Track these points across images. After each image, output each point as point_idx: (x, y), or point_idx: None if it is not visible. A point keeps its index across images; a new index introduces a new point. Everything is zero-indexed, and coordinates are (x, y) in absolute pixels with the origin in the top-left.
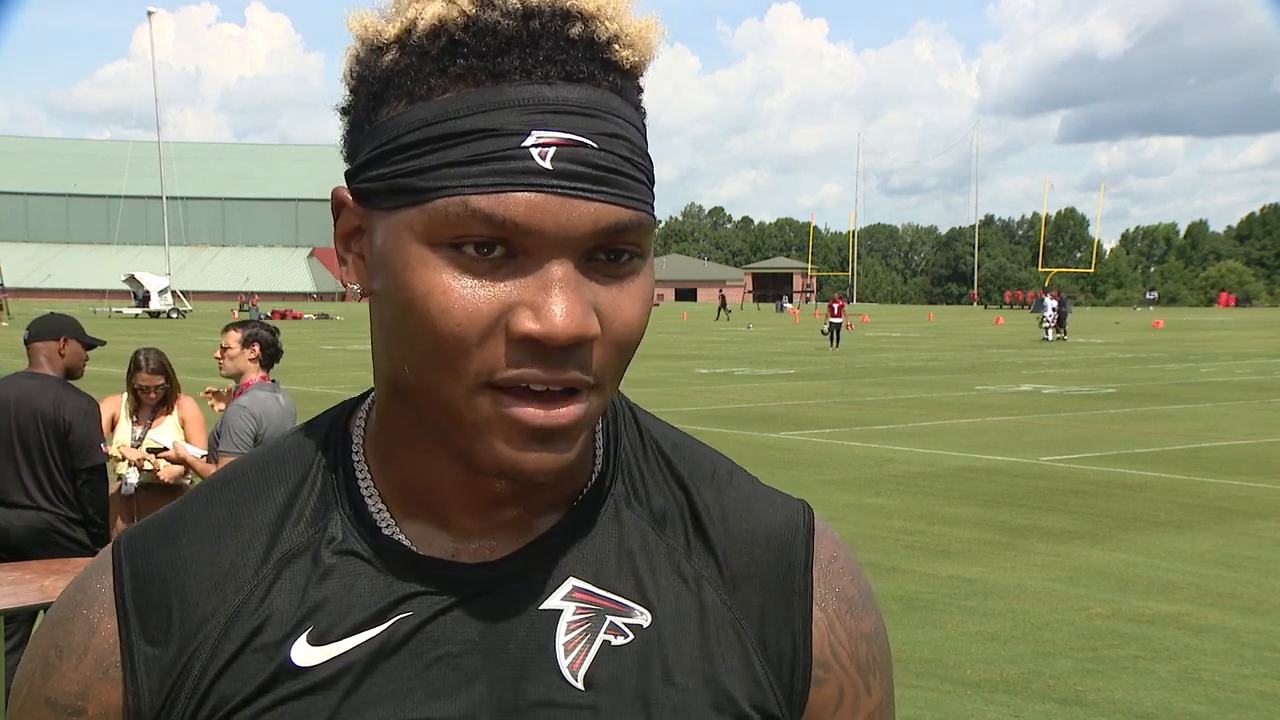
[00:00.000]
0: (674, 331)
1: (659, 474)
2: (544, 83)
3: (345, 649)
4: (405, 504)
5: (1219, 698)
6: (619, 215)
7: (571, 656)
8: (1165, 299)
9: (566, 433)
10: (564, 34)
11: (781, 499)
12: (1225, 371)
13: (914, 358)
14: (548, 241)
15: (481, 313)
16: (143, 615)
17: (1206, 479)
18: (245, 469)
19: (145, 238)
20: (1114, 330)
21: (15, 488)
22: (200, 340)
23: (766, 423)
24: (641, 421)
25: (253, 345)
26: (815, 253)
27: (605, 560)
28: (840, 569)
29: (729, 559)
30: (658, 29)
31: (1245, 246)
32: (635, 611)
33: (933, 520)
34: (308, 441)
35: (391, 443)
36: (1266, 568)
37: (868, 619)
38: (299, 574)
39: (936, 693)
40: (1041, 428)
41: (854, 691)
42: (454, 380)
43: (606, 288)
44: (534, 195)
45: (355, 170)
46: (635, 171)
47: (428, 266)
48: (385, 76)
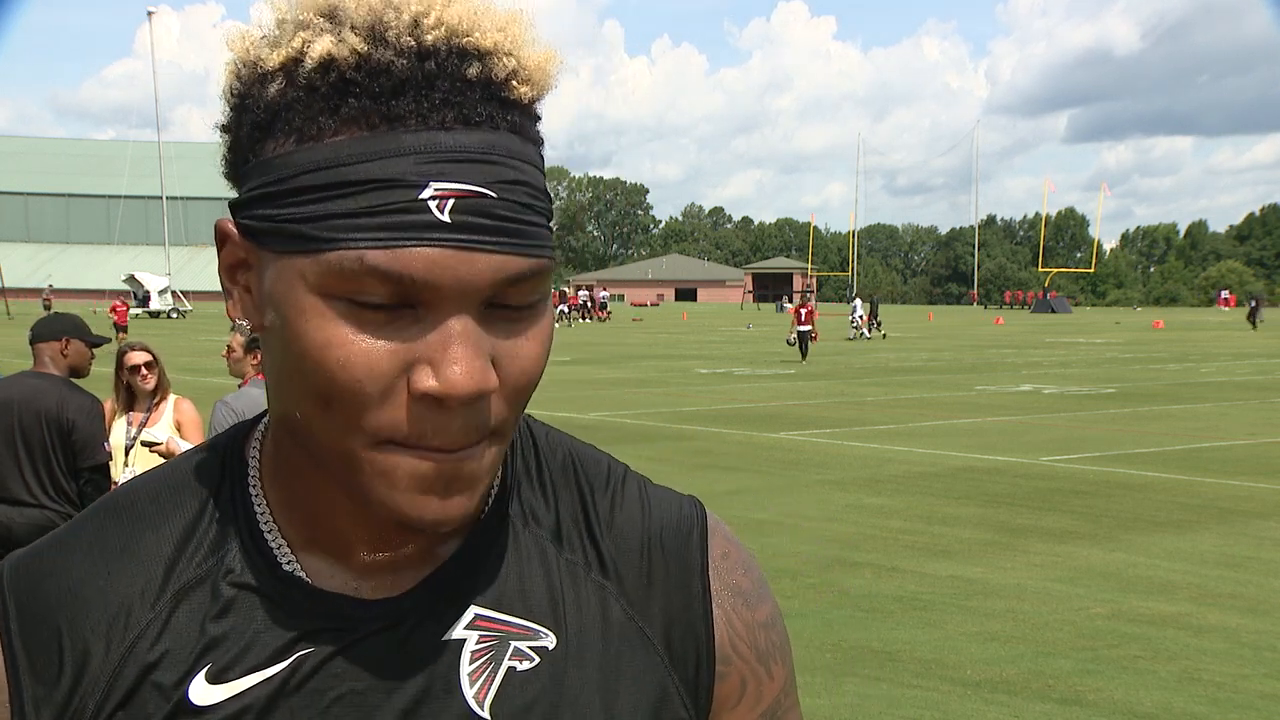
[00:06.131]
0: (674, 331)
1: (555, 489)
2: (440, 128)
3: (245, 687)
4: (303, 536)
5: (1219, 698)
6: (519, 265)
7: (477, 686)
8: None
9: (467, 483)
10: (461, 74)
11: (674, 499)
12: (1225, 371)
13: (914, 358)
14: (445, 295)
15: (382, 369)
16: (31, 653)
17: (1206, 479)
18: (139, 495)
19: (145, 238)
20: (1114, 330)
21: (18, 485)
22: (200, 340)
23: (766, 423)
24: (537, 437)
25: (255, 352)
26: (815, 253)
27: (506, 584)
28: (733, 563)
29: (629, 568)
30: (556, 60)
31: (1245, 246)
32: (539, 634)
33: (933, 520)
34: (205, 467)
35: (287, 474)
36: (1266, 568)
37: (763, 608)
38: (196, 608)
39: (936, 693)
40: (1041, 428)
41: (756, 680)
42: (350, 434)
43: (506, 337)
44: (432, 250)
45: (241, 203)
46: (534, 216)
47: (323, 317)
48: (271, 108)
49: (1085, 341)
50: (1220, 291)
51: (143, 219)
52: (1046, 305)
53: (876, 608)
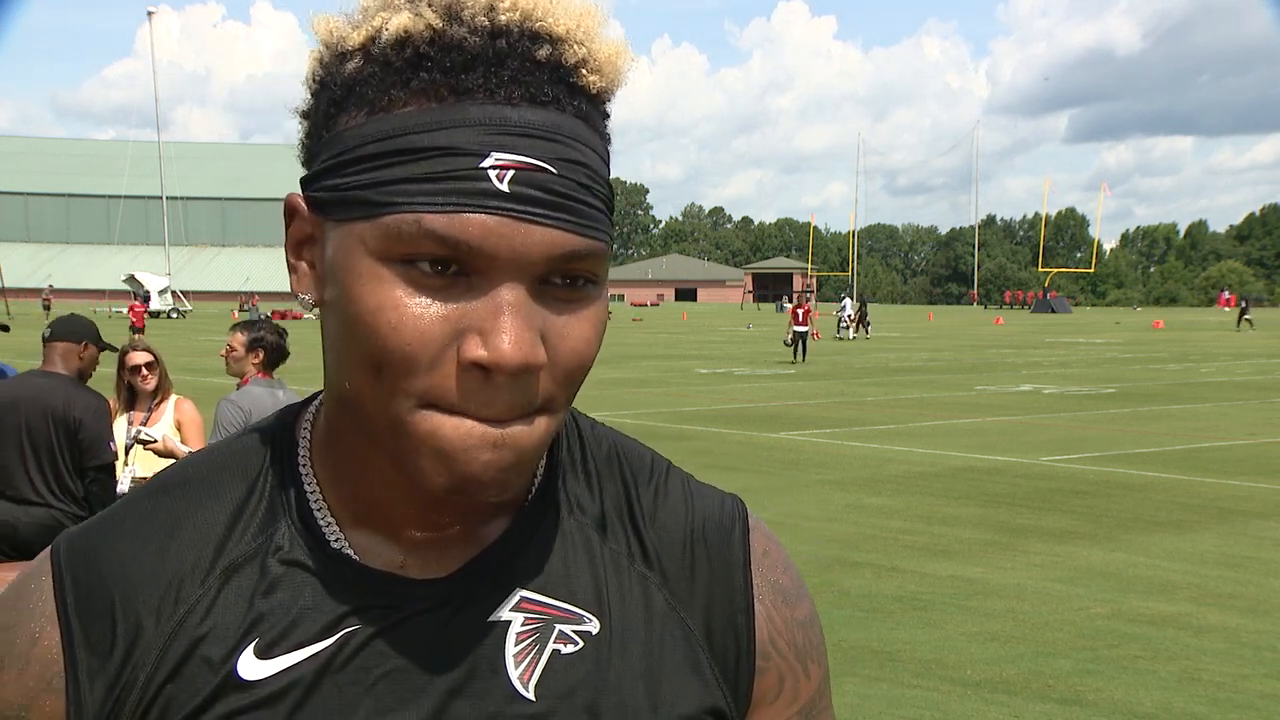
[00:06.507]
0: (674, 331)
1: (600, 479)
2: (507, 103)
3: (292, 663)
4: (352, 514)
5: (1219, 698)
6: (574, 242)
7: (522, 667)
8: (1165, 299)
9: (514, 451)
10: (531, 55)
11: (716, 495)
12: (1225, 371)
13: (914, 358)
14: (500, 265)
15: (433, 334)
16: (86, 625)
17: (1206, 479)
18: (191, 474)
19: (145, 238)
20: (1114, 330)
21: (24, 484)
22: (200, 340)
23: (766, 423)
24: (583, 428)
25: (256, 351)
26: (815, 253)
27: (552, 569)
28: (774, 561)
29: (672, 559)
30: (627, 55)
31: (1245, 246)
32: (584, 619)
33: (933, 520)
34: (256, 447)
35: (337, 452)
36: (1266, 568)
37: (802, 606)
38: (245, 584)
39: (936, 693)
40: (1041, 428)
41: (794, 677)
42: (398, 397)
43: (558, 314)
44: (488, 218)
45: (310, 178)
46: (593, 199)
47: (379, 281)
48: (347, 84)
49: (1085, 341)
50: (1221, 291)
51: (143, 219)
52: (1046, 305)
53: (876, 608)
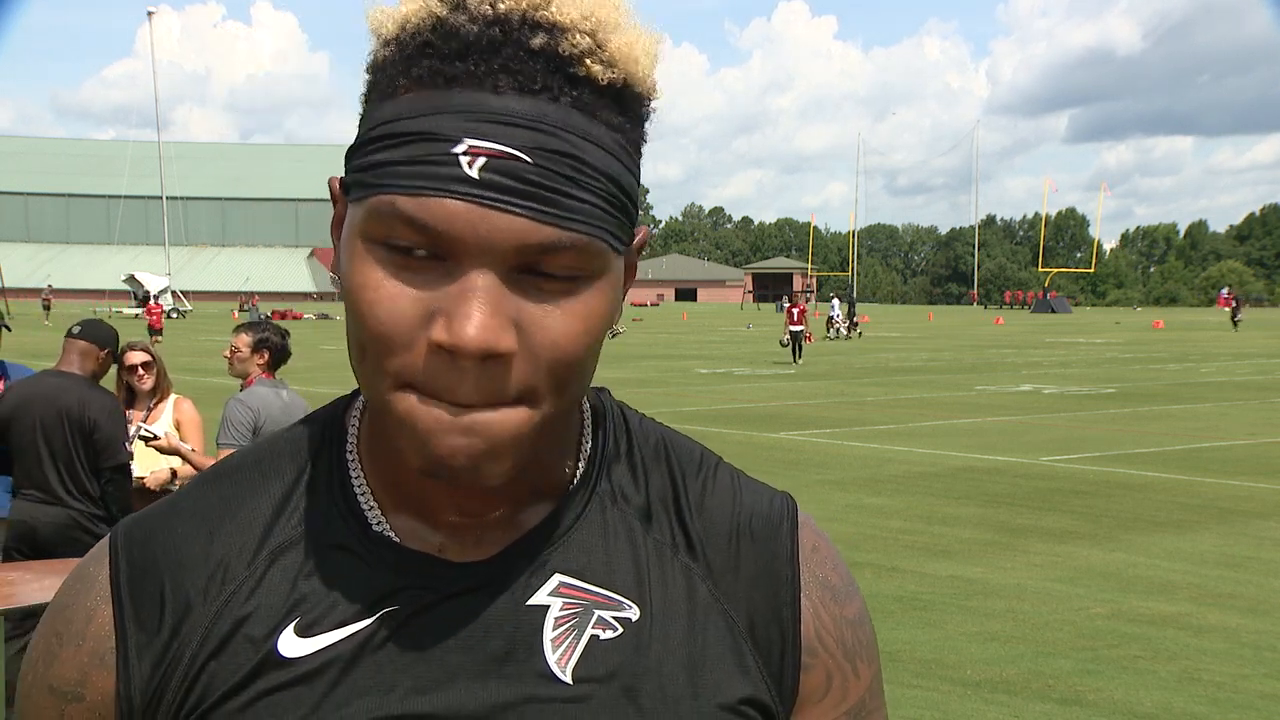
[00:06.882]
0: (674, 331)
1: (646, 470)
2: (492, 91)
3: (331, 641)
4: (394, 499)
5: (1219, 698)
6: (547, 234)
7: (560, 651)
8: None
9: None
10: (526, 44)
11: (766, 491)
12: (1225, 371)
13: (914, 358)
14: (469, 250)
15: (405, 314)
16: (137, 603)
17: (1206, 479)
18: (243, 462)
19: (145, 238)
20: (1114, 330)
21: (41, 484)
22: (200, 340)
23: (766, 423)
24: (630, 421)
25: (261, 352)
26: (815, 253)
27: (592, 555)
28: (823, 558)
29: (716, 551)
30: (649, 49)
31: (1245, 246)
32: (624, 605)
33: (933, 520)
34: (305, 436)
35: (376, 438)
36: (1266, 568)
37: (851, 605)
38: (290, 566)
39: (936, 693)
40: (1041, 428)
41: (842, 675)
42: (379, 377)
43: (538, 304)
44: (454, 202)
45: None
46: (580, 192)
47: (364, 260)
48: (374, 70)
49: (1085, 341)
50: (1221, 290)
51: (143, 219)
52: (1046, 305)
53: (876, 608)
